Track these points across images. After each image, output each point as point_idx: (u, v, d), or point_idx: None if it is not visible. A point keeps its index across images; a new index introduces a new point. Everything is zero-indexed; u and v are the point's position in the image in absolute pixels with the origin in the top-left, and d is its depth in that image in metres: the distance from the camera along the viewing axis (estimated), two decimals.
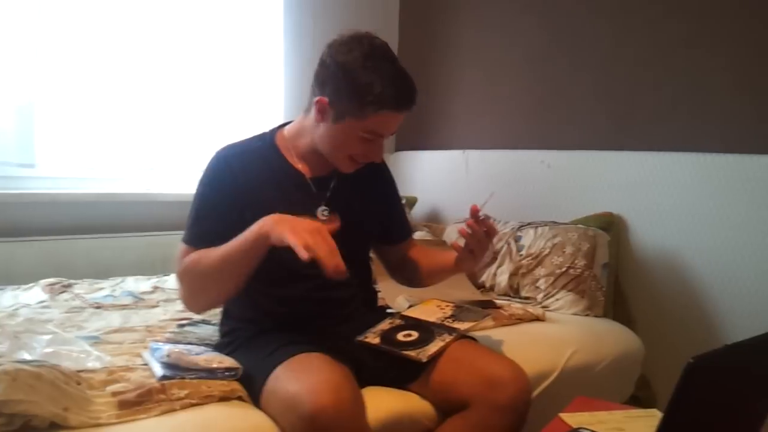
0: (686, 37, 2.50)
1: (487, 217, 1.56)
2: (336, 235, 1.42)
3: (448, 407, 1.53)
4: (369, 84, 1.48)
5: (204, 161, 1.63)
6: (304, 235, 1.31)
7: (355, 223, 1.63)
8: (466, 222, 1.55)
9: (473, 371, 1.50)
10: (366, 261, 1.80)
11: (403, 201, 2.30)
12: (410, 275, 1.84)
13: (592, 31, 2.80)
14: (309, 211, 1.59)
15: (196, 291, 1.54)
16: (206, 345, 1.68)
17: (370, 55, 1.50)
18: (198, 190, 1.60)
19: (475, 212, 1.55)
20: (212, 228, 1.53)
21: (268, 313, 1.63)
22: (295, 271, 1.48)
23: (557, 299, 2.43)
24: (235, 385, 1.44)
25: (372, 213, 1.74)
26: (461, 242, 1.59)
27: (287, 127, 1.70)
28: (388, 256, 1.87)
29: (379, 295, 2.00)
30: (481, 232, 1.55)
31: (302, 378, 1.33)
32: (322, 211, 1.63)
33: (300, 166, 1.64)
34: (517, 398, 1.47)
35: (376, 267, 1.90)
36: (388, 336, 1.61)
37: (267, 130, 1.71)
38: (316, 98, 1.55)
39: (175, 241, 2.97)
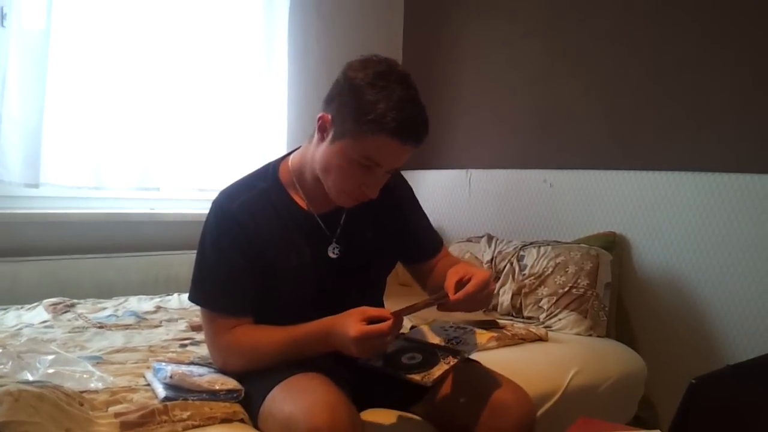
0: (689, 57, 2.52)
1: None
2: (351, 272, 1.55)
3: (451, 431, 1.52)
4: (374, 102, 1.36)
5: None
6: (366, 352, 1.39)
7: (369, 256, 1.61)
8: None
9: (476, 396, 1.48)
10: (383, 286, 1.72)
11: None
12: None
13: (595, 52, 2.82)
14: (320, 253, 1.55)
15: (246, 368, 1.50)
16: (209, 365, 1.68)
17: (384, 75, 1.39)
18: (208, 249, 1.52)
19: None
20: (240, 293, 1.50)
21: None
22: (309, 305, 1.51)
23: (560, 319, 2.42)
24: (238, 408, 1.44)
25: (389, 238, 1.65)
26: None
27: (292, 156, 1.60)
28: (417, 274, 1.76)
29: None
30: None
31: (298, 398, 1.32)
32: (332, 250, 1.56)
33: (307, 203, 1.55)
34: (521, 424, 1.44)
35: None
36: (391, 358, 1.58)
37: (271, 161, 1.62)
38: (319, 114, 1.47)
39: (178, 260, 2.96)
